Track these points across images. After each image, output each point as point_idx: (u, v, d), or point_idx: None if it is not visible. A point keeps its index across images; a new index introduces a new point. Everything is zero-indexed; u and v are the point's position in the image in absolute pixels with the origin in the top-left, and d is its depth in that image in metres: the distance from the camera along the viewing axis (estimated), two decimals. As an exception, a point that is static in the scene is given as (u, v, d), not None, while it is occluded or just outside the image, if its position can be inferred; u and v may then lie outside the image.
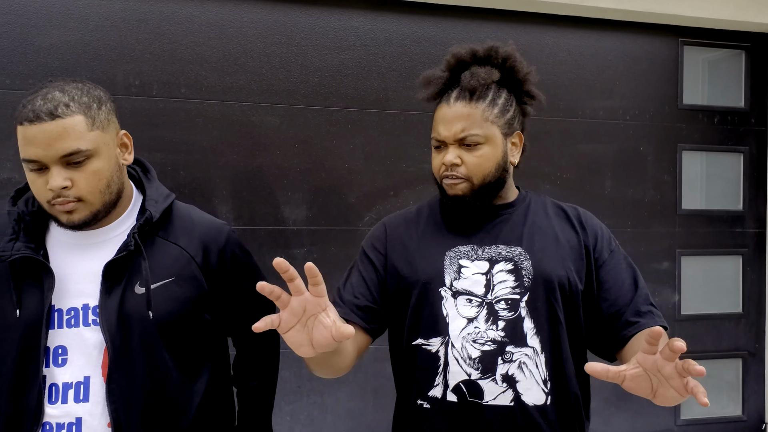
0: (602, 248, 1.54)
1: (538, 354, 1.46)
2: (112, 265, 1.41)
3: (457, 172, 1.49)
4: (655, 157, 3.35)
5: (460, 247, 1.53)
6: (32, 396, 1.37)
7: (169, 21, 2.74)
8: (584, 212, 1.61)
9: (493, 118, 1.50)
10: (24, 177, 1.37)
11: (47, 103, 1.31)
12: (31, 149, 1.31)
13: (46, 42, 2.61)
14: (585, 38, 3.24)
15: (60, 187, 1.32)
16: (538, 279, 1.48)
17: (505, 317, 1.47)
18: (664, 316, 3.31)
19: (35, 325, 1.38)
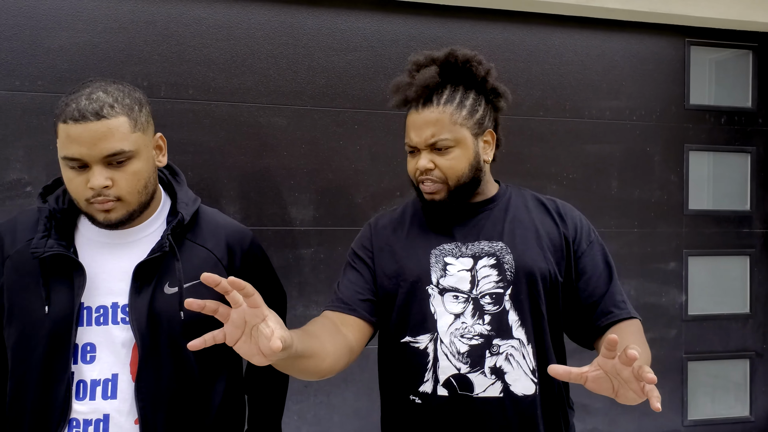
0: (581, 239, 1.59)
1: (524, 345, 1.51)
2: (144, 265, 1.43)
3: (432, 176, 1.53)
4: (662, 157, 3.34)
5: (444, 245, 1.58)
6: (60, 392, 1.39)
7: (177, 23, 2.76)
8: (563, 204, 1.65)
9: (461, 121, 1.53)
10: (36, 176, 1.39)
11: (92, 103, 1.33)
12: (75, 147, 1.33)
13: (55, 44, 2.63)
14: (591, 39, 3.24)
15: (102, 186, 1.35)
16: (519, 272, 1.53)
17: (491, 311, 1.52)
18: (671, 316, 3.35)
19: (64, 322, 1.39)
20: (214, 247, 1.53)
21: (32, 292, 1.41)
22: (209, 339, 1.07)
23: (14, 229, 1.48)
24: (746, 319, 3.48)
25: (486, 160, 1.59)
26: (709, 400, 3.47)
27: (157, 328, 1.42)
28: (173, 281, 1.45)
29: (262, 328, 1.08)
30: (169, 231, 1.45)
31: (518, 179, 3.10)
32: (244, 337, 1.09)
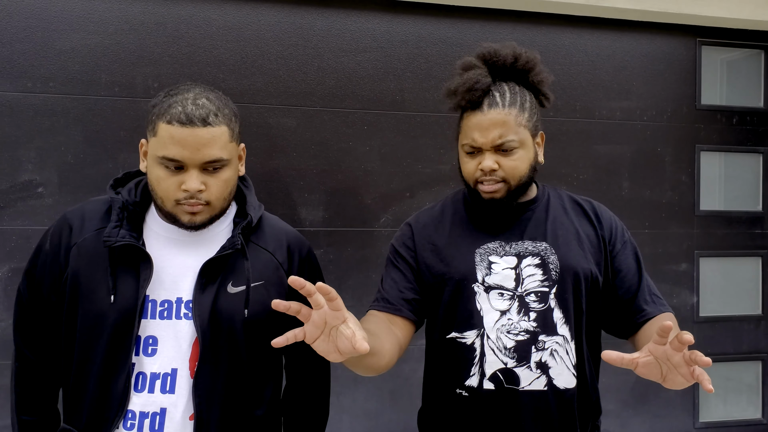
0: (616, 240, 1.66)
1: (568, 341, 1.57)
2: (211, 262, 1.45)
3: (495, 176, 1.56)
4: (673, 157, 3.33)
5: (488, 244, 1.62)
6: (120, 382, 1.40)
7: (187, 24, 2.77)
8: (599, 205, 1.71)
9: (524, 123, 1.57)
10: (48, 177, 1.40)
11: (199, 109, 1.37)
12: (177, 149, 1.36)
13: (67, 45, 2.64)
14: (602, 39, 3.23)
15: (197, 190, 1.39)
16: (564, 272, 1.59)
17: (536, 308, 1.57)
18: (683, 318, 3.33)
19: (128, 313, 1.41)
20: (276, 250, 1.55)
21: (99, 281, 1.43)
22: (291, 337, 1.13)
23: (82, 217, 1.50)
24: (758, 321, 3.46)
25: (540, 161, 1.65)
26: (721, 402, 3.45)
27: (219, 326, 1.44)
28: (237, 281, 1.47)
29: (343, 329, 1.16)
30: (239, 231, 1.49)
31: (528, 180, 3.09)
32: (323, 337, 1.17)
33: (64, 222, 1.51)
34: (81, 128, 2.66)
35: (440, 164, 3.01)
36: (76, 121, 2.65)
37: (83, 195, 2.65)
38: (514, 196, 1.60)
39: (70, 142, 2.64)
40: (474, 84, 1.57)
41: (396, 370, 2.95)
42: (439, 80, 3.01)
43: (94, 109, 2.67)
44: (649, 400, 3.29)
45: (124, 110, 2.70)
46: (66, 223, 1.50)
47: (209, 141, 1.37)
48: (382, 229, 2.97)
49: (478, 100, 1.57)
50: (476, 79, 1.57)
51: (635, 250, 1.68)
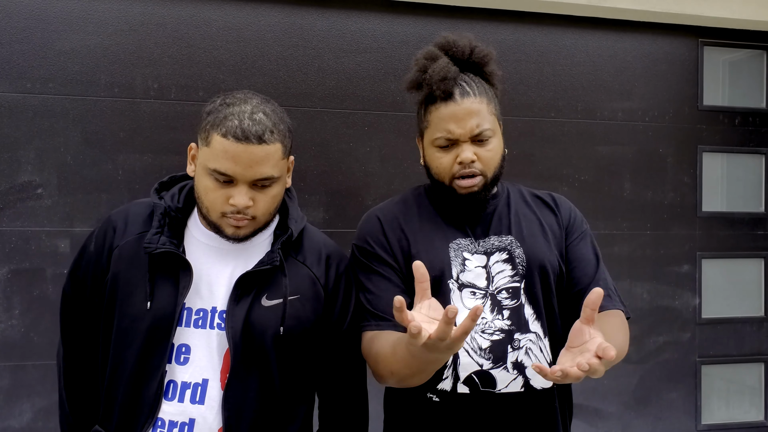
0: (574, 228, 1.61)
1: (541, 338, 1.51)
2: (248, 274, 1.42)
3: (473, 167, 1.49)
4: (675, 158, 3.31)
5: (460, 240, 1.55)
6: (151, 389, 1.39)
7: (187, 25, 2.76)
8: (558, 196, 1.67)
9: (493, 110, 1.52)
10: (47, 178, 1.39)
11: (255, 126, 1.33)
12: (229, 164, 1.34)
13: (66, 46, 2.63)
14: (603, 39, 3.22)
15: (245, 206, 1.36)
16: (531, 265, 1.53)
17: (509, 306, 1.50)
18: (685, 320, 3.31)
19: (164, 320, 1.40)
20: (313, 264, 1.52)
21: (137, 285, 1.42)
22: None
23: (126, 220, 1.49)
24: (761, 323, 3.44)
25: (506, 151, 1.58)
26: (724, 404, 3.43)
27: (251, 339, 1.41)
28: (272, 294, 1.45)
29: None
30: (279, 246, 1.46)
31: (530, 181, 3.08)
32: None
33: (108, 223, 1.51)
34: (80, 129, 2.65)
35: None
36: (75, 122, 2.64)
37: (82, 196, 2.64)
38: (489, 189, 1.53)
39: (70, 143, 2.63)
40: (446, 74, 1.50)
41: (396, 372, 2.94)
42: (439, 81, 3.00)
43: (94, 110, 2.66)
44: (650, 403, 3.28)
45: (124, 111, 2.69)
46: (111, 224, 1.50)
47: (263, 159, 1.34)
48: (383, 231, 2.96)
49: (451, 90, 1.50)
50: (447, 69, 1.51)
51: (593, 241, 1.62)
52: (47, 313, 2.59)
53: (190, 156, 1.45)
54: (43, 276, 2.62)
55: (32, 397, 2.60)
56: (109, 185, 2.67)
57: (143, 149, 2.69)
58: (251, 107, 1.37)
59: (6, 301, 2.60)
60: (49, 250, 2.62)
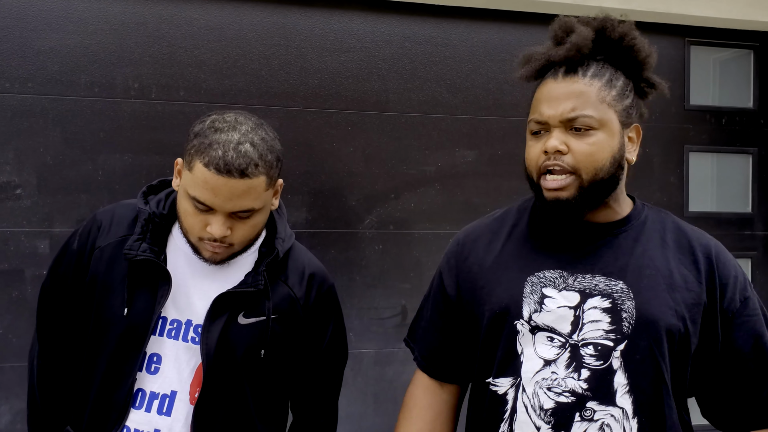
0: (733, 295, 1.25)
1: (628, 418, 1.20)
2: (229, 293, 1.40)
3: (562, 161, 1.22)
4: (662, 158, 3.30)
5: (546, 272, 1.27)
6: (120, 396, 1.38)
7: (168, 24, 2.74)
8: (717, 246, 1.32)
9: (610, 100, 1.24)
10: (26, 179, 1.37)
11: (240, 159, 1.29)
12: (208, 195, 1.31)
13: (46, 45, 2.61)
14: (589, 39, 3.20)
15: (222, 236, 1.34)
16: (641, 325, 1.20)
17: (592, 366, 1.21)
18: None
19: (139, 328, 1.38)
20: (295, 284, 1.50)
21: (115, 290, 1.41)
22: None
23: (111, 221, 1.48)
24: (748, 323, 3.42)
25: (629, 160, 1.30)
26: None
27: (225, 356, 1.39)
28: (249, 312, 1.42)
29: None
30: (264, 267, 1.43)
31: (515, 182, 3.06)
32: None
33: (93, 222, 1.49)
34: (60, 129, 2.63)
35: (425, 165, 2.98)
36: (54, 122, 2.62)
37: (62, 197, 2.62)
38: (587, 199, 1.22)
39: (49, 143, 2.62)
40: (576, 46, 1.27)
41: (380, 373, 2.93)
42: (423, 80, 2.98)
43: (73, 110, 2.64)
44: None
45: (104, 111, 2.67)
46: (95, 223, 1.48)
47: (244, 192, 1.31)
48: (366, 231, 2.95)
49: (560, 62, 1.27)
50: (583, 41, 1.28)
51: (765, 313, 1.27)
52: (26, 315, 2.57)
53: (176, 170, 1.43)
54: (22, 277, 2.60)
55: (10, 399, 2.58)
56: (89, 186, 2.65)
57: (123, 149, 2.68)
58: (239, 136, 1.32)
59: (-15, 303, 2.58)
60: (29, 251, 2.61)
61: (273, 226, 1.52)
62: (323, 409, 1.60)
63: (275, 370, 1.47)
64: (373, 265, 2.95)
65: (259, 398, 1.45)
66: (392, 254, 2.96)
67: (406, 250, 2.97)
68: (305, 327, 1.50)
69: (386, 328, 2.96)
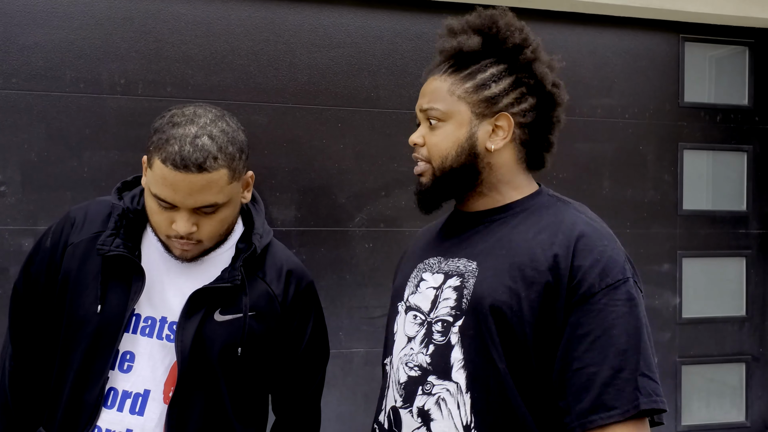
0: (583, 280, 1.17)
1: (462, 392, 1.21)
2: (205, 289, 1.37)
3: (420, 153, 1.33)
4: (656, 156, 3.27)
5: (430, 259, 1.35)
6: (92, 395, 1.34)
7: (155, 19, 2.70)
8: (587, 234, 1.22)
9: (461, 93, 1.30)
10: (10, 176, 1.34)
11: (196, 153, 1.25)
12: (169, 192, 1.28)
13: (30, 41, 2.58)
14: (582, 35, 3.17)
15: (187, 232, 1.30)
16: (474, 302, 1.22)
17: (436, 341, 1.25)
18: (665, 319, 3.27)
19: (111, 324, 1.35)
20: (273, 281, 1.46)
21: (88, 286, 1.37)
22: None
23: (84, 217, 1.44)
24: (742, 322, 3.40)
25: (489, 148, 1.29)
26: (704, 404, 3.39)
27: (200, 354, 1.36)
28: (226, 309, 1.39)
29: None
30: (242, 263, 1.39)
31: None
32: None
33: (66, 219, 1.46)
34: (45, 125, 2.59)
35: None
36: (39, 118, 2.59)
37: (47, 193, 2.59)
38: (442, 185, 1.30)
39: (34, 139, 2.58)
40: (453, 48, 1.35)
41: (370, 373, 2.90)
42: (414, 77, 2.94)
43: (58, 106, 2.60)
44: (630, 403, 3.24)
45: (90, 107, 2.63)
46: (68, 220, 1.45)
47: (204, 187, 1.27)
48: (356, 229, 2.91)
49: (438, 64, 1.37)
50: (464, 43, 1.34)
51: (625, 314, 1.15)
52: (10, 313, 2.54)
53: (143, 168, 1.40)
54: (7, 275, 2.57)
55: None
56: (75, 182, 2.62)
57: (109, 146, 2.64)
58: (196, 129, 1.28)
59: (-32, 301, 2.55)
60: (13, 249, 2.57)
61: (250, 221, 1.50)
62: (305, 409, 1.57)
63: (253, 369, 1.44)
64: (363, 263, 2.92)
65: (236, 398, 1.42)
66: (382, 252, 2.93)
67: (397, 249, 2.93)
68: (284, 325, 1.47)
69: (376, 327, 2.93)
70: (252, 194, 1.54)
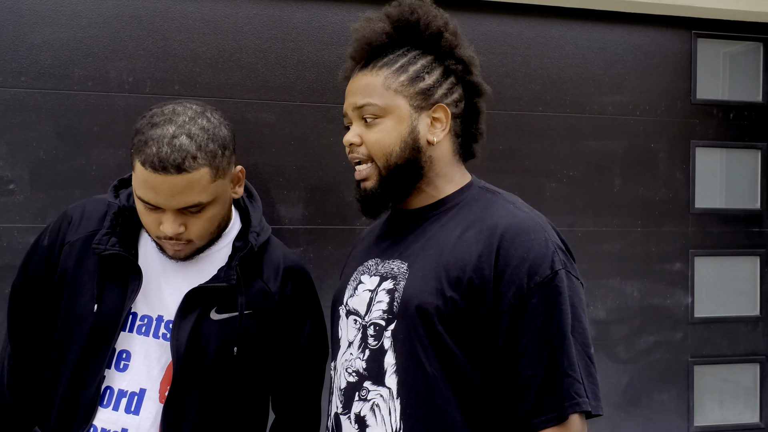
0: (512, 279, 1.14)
1: (393, 398, 1.19)
2: (201, 288, 1.36)
3: (359, 153, 1.29)
4: (667, 153, 3.23)
5: (369, 261, 1.33)
6: (88, 394, 1.34)
7: (162, 17, 2.70)
8: (514, 228, 1.18)
9: (397, 87, 1.27)
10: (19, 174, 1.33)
11: (174, 153, 1.24)
12: (151, 195, 1.28)
13: (38, 39, 2.58)
14: (593, 31, 3.14)
15: (175, 233, 1.30)
16: (403, 304, 1.19)
17: (371, 346, 1.23)
18: (677, 319, 3.23)
19: (108, 323, 1.35)
20: (269, 278, 1.46)
21: (84, 285, 1.38)
22: None
23: (81, 215, 1.45)
24: (756, 322, 3.35)
25: (431, 141, 1.27)
26: (717, 405, 3.35)
27: (195, 353, 1.36)
28: (222, 307, 1.39)
29: None
30: (237, 261, 1.39)
31: (516, 177, 3.01)
32: None
33: (64, 217, 1.46)
34: (53, 124, 2.60)
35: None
36: (48, 117, 2.60)
37: (55, 192, 2.60)
38: (390, 185, 1.25)
39: (42, 137, 2.59)
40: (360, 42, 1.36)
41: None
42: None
43: (67, 104, 2.61)
44: (641, 404, 3.20)
45: (98, 105, 2.64)
46: (66, 218, 1.45)
47: (185, 188, 1.26)
48: (364, 227, 2.89)
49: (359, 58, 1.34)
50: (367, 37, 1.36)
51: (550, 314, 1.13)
52: (19, 311, 2.55)
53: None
54: (15, 272, 2.57)
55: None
56: (83, 180, 2.62)
57: (117, 144, 2.64)
58: (174, 129, 1.26)
59: (-22, 299, 2.56)
60: (21, 247, 2.58)
61: (248, 218, 1.48)
62: (305, 408, 1.56)
63: (250, 368, 1.43)
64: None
65: (234, 397, 1.41)
66: (390, 251, 2.92)
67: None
68: (282, 323, 1.46)
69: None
70: (249, 190, 1.53)
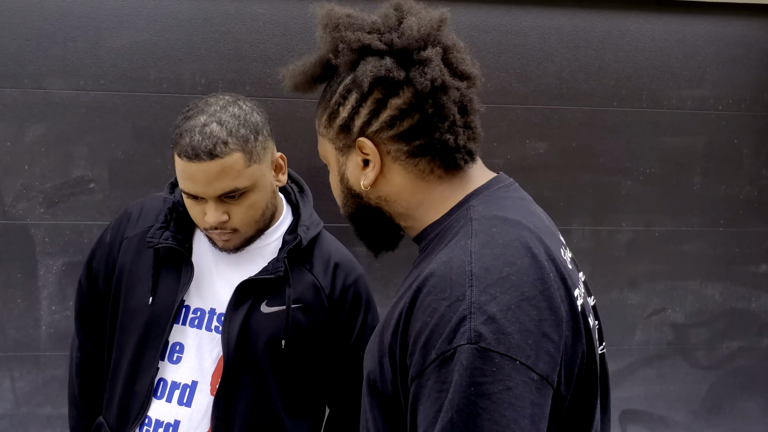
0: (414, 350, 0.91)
1: None
2: (250, 281, 1.39)
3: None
4: (752, 150, 3.07)
5: None
6: (143, 385, 1.40)
7: (234, 19, 2.75)
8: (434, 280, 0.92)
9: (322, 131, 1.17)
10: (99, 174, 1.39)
11: (205, 140, 1.29)
12: (189, 184, 1.33)
13: (117, 44, 2.68)
14: (670, 22, 3.01)
15: (218, 222, 1.34)
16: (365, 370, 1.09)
17: None
18: (762, 323, 3.05)
19: (162, 316, 1.40)
20: (320, 273, 1.48)
21: (140, 278, 1.43)
22: None
23: (140, 212, 1.52)
24: None
25: (365, 186, 1.08)
26: (807, 416, 3.15)
27: (246, 346, 1.39)
28: (272, 301, 1.41)
29: None
30: (285, 254, 1.40)
31: (590, 175, 2.93)
32: None
33: (124, 214, 1.52)
34: (130, 125, 2.69)
35: (494, 158, 2.88)
36: (125, 118, 2.68)
37: (132, 190, 2.68)
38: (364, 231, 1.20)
39: (120, 138, 2.68)
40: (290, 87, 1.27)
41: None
42: (492, 69, 2.88)
43: (143, 106, 2.69)
44: (724, 412, 3.04)
45: (172, 106, 2.71)
46: (126, 215, 1.51)
47: (219, 174, 1.29)
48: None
49: None
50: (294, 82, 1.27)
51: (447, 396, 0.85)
52: (98, 306, 2.65)
53: None
54: (95, 269, 2.67)
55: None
56: (158, 180, 2.69)
57: (190, 144, 2.70)
58: (205, 118, 1.30)
59: (61, 293, 2.67)
60: (101, 244, 2.68)
61: (299, 213, 1.49)
62: (357, 404, 1.55)
63: (300, 362, 1.42)
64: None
65: (285, 390, 1.41)
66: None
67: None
68: (332, 318, 1.45)
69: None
70: (300, 185, 1.54)
